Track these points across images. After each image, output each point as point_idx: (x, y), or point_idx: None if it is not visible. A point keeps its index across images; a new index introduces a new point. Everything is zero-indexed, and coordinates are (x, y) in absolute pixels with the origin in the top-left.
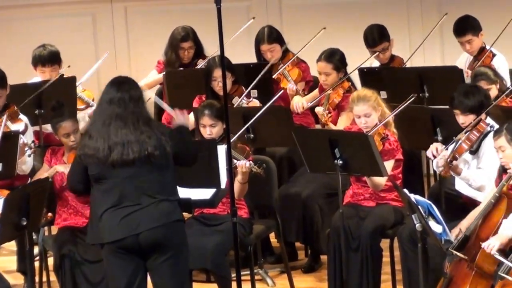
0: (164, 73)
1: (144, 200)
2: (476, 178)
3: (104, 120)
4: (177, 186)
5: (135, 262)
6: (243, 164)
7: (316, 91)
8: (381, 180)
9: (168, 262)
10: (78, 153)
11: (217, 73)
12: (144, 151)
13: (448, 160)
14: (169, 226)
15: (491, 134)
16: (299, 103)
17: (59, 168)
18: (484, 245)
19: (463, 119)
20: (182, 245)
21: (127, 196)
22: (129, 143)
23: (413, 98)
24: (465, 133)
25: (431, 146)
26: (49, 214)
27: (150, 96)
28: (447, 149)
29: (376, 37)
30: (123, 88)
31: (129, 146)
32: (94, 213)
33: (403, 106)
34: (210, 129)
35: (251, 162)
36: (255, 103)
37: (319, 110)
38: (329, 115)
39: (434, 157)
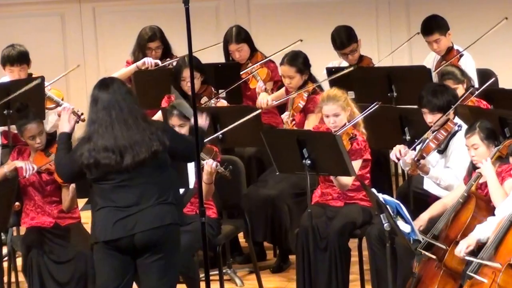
0: (128, 68)
1: (142, 202)
2: (444, 177)
3: (106, 126)
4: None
5: (126, 261)
6: (210, 164)
7: (282, 90)
8: (347, 180)
9: (158, 263)
10: (85, 162)
11: (186, 73)
12: (151, 148)
13: (416, 159)
14: (163, 229)
15: (459, 133)
16: (264, 99)
17: (18, 164)
18: (456, 251)
19: (431, 118)
20: (175, 248)
21: (126, 196)
22: (136, 144)
23: (376, 106)
24: (433, 132)
25: (394, 148)
26: (17, 203)
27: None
28: (414, 149)
29: (344, 39)
30: (113, 89)
31: (137, 147)
32: (93, 212)
33: (369, 111)
34: (179, 129)
35: (217, 163)
36: (223, 103)
37: (283, 116)
38: (293, 122)
39: (398, 159)
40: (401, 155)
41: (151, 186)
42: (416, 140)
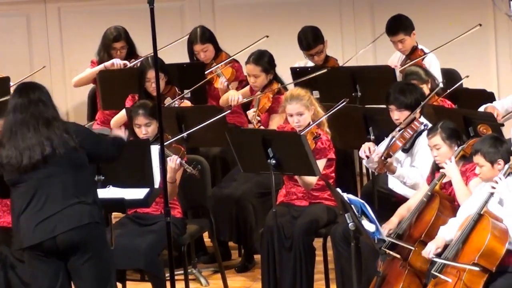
0: (95, 68)
1: (59, 203)
2: (410, 176)
3: (11, 128)
4: (110, 186)
5: (56, 265)
6: (173, 159)
7: (248, 88)
8: (312, 179)
9: (88, 264)
10: None
11: (151, 74)
12: (44, 151)
13: (382, 158)
14: (83, 228)
15: (425, 132)
16: (235, 95)
17: None
18: (423, 253)
19: (398, 115)
20: (101, 246)
21: (43, 199)
22: (33, 146)
23: (344, 103)
24: (399, 131)
25: (363, 145)
26: None
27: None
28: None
29: (310, 40)
30: (23, 93)
31: (33, 149)
32: (14, 217)
33: (334, 110)
34: (146, 129)
35: (182, 161)
36: (187, 103)
37: (250, 112)
38: (259, 123)
39: (367, 157)
40: (370, 153)
41: (68, 186)
42: (385, 137)
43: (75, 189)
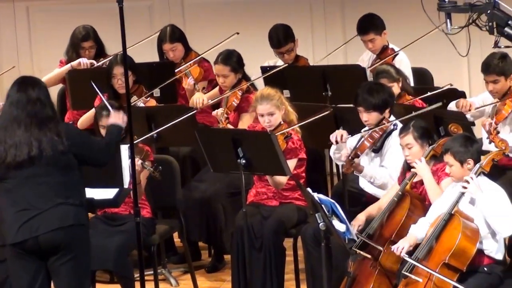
0: (62, 68)
1: (44, 202)
2: (378, 176)
3: (3, 123)
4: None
5: (37, 263)
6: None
7: (217, 89)
8: (282, 179)
9: (67, 264)
10: None
11: (117, 70)
12: (30, 152)
13: (350, 157)
14: (66, 229)
15: (395, 132)
16: (200, 98)
17: None
18: (393, 247)
19: (367, 117)
20: (82, 248)
21: (29, 197)
22: (20, 145)
23: (327, 112)
24: (368, 130)
25: (336, 131)
26: None
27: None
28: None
29: (281, 38)
30: (22, 89)
31: (19, 148)
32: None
33: (313, 118)
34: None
35: (143, 162)
36: (153, 102)
37: (217, 112)
38: (227, 120)
39: (337, 142)
40: (341, 140)
41: (54, 187)
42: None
43: (61, 189)
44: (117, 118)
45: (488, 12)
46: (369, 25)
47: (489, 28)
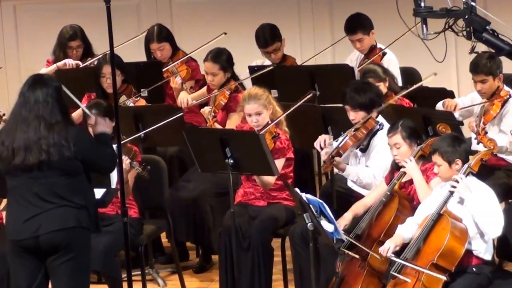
0: (48, 68)
1: (46, 203)
2: (362, 176)
3: (13, 122)
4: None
5: (36, 262)
6: (123, 160)
7: (204, 89)
8: (270, 179)
9: (66, 264)
10: None
11: (106, 69)
12: (40, 157)
13: (331, 156)
14: (67, 231)
15: (380, 132)
16: (184, 98)
17: None
18: (380, 249)
19: (353, 116)
20: (82, 249)
21: (31, 197)
22: (29, 148)
23: (310, 95)
24: (353, 130)
25: (319, 137)
26: None
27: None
28: (337, 141)
29: (268, 38)
30: (31, 88)
31: (29, 152)
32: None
33: (298, 104)
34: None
35: (132, 162)
36: (142, 102)
37: (204, 110)
38: (215, 118)
39: (322, 148)
40: (325, 145)
41: (57, 188)
42: (342, 133)
43: (64, 191)
44: (105, 125)
45: (466, 17)
46: (357, 24)
47: (467, 33)
